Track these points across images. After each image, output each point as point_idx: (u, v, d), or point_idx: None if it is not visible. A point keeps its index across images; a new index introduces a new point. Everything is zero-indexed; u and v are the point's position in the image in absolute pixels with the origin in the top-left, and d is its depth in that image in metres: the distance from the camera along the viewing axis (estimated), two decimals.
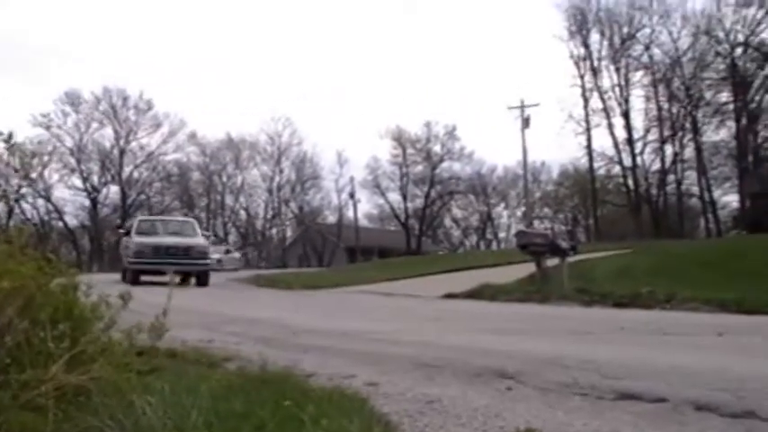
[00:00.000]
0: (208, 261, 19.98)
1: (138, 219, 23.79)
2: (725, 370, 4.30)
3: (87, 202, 59.10)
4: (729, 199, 52.52)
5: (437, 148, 63.88)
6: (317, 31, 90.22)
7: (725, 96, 48.65)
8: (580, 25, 51.74)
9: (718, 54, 48.30)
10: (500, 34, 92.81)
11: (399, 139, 63.70)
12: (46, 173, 56.60)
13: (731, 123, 48.08)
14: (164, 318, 3.08)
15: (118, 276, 20.31)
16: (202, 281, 19.04)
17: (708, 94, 49.34)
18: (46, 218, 57.36)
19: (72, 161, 58.07)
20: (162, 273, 16.92)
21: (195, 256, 19.02)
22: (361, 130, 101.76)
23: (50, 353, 2.71)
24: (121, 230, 23.45)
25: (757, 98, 47.23)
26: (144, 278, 18.04)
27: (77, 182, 58.57)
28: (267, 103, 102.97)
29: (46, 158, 56.55)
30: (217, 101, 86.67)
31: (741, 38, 47.18)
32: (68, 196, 58.10)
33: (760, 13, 45.92)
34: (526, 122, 45.60)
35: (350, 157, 66.13)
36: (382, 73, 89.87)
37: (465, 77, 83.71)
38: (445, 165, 64.09)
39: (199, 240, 19.92)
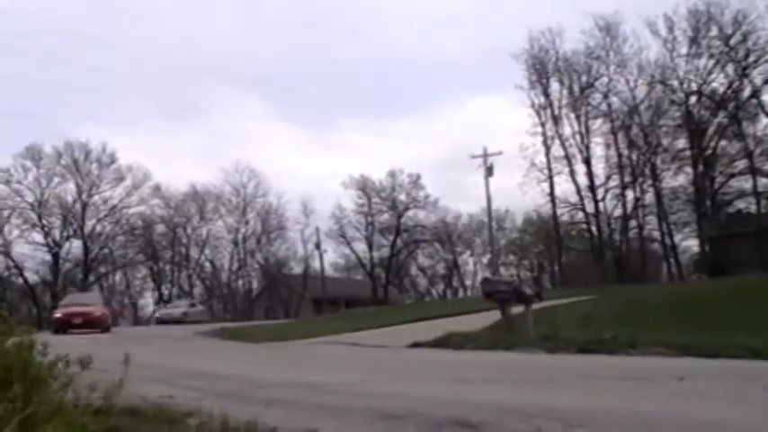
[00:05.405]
0: None
1: None
2: (683, 417, 4.35)
3: (48, 258, 58.06)
4: (690, 243, 53.48)
5: (402, 197, 64.21)
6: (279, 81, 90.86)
7: (681, 143, 49.82)
8: (540, 75, 52.84)
9: (673, 102, 49.58)
10: (462, 82, 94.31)
11: (364, 188, 63.94)
12: (6, 229, 55.79)
13: (689, 169, 49.12)
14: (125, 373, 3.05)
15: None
16: None
17: (665, 141, 50.47)
18: (5, 274, 56.23)
19: (33, 216, 57.23)
20: None
21: None
22: (325, 180, 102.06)
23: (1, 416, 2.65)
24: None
25: (712, 145, 48.42)
26: None
27: (38, 237, 57.64)
28: (232, 154, 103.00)
29: (6, 214, 55.81)
30: (181, 152, 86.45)
31: (694, 87, 48.53)
32: (29, 252, 57.07)
33: (710, 63, 47.45)
34: (489, 171, 46.14)
35: (315, 207, 66.14)
36: (346, 121, 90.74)
37: (428, 124, 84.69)
38: (410, 213, 64.28)
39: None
